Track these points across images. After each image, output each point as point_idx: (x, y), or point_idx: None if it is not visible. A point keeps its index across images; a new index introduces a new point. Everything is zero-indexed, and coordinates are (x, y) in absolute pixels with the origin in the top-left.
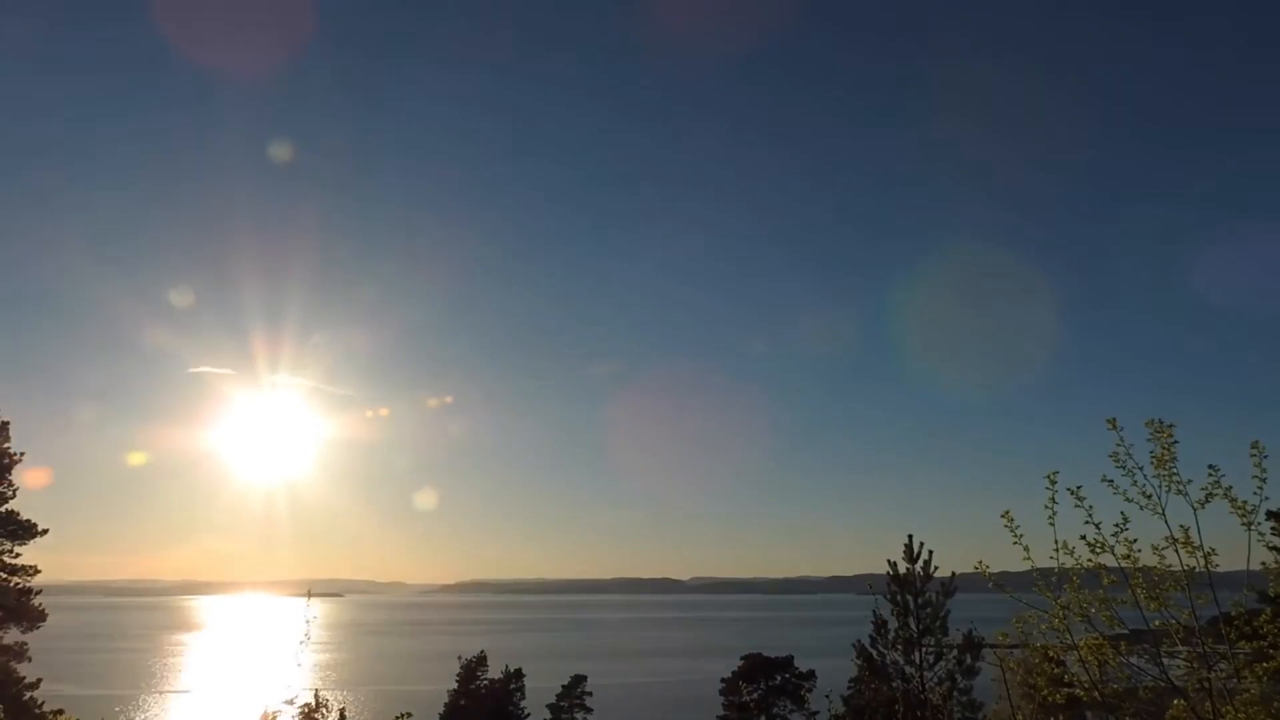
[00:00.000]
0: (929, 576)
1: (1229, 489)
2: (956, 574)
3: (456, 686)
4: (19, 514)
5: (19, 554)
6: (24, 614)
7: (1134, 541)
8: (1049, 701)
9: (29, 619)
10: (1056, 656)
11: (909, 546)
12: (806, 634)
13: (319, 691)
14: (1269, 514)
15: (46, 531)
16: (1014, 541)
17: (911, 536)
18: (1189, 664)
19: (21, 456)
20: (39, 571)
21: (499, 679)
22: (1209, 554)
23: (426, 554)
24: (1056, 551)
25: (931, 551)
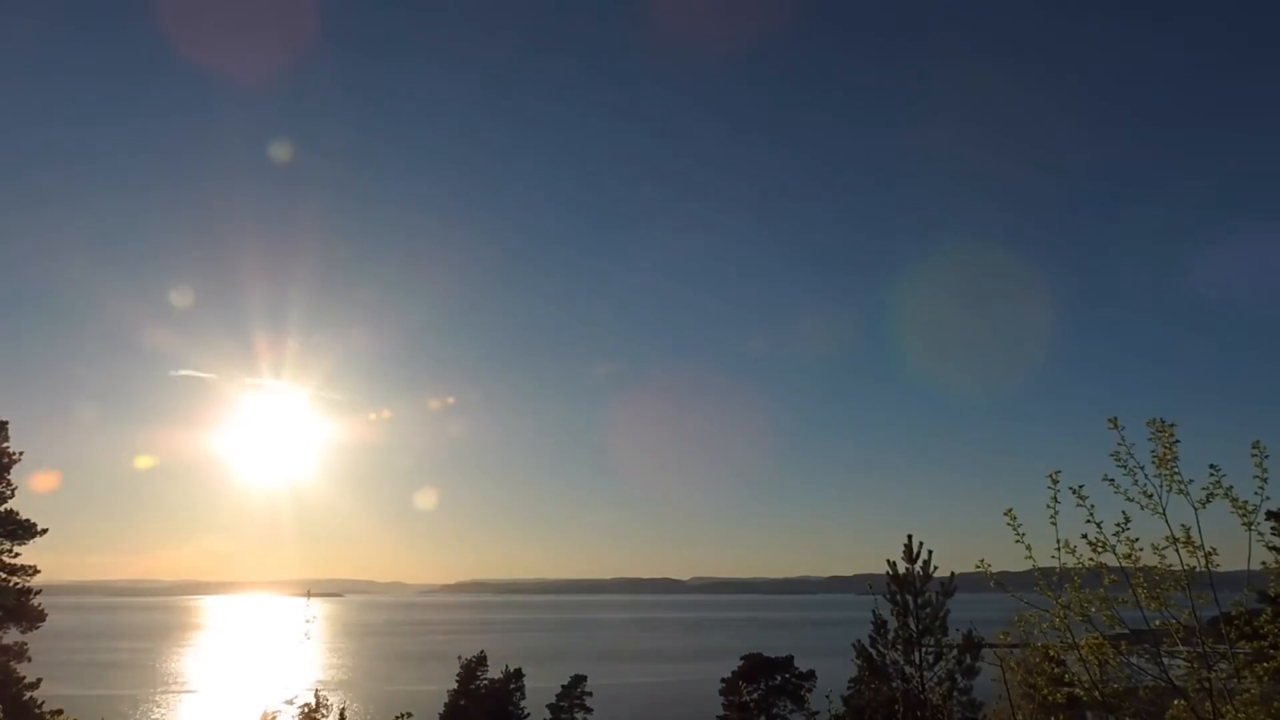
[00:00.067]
0: (929, 576)
1: (1230, 489)
2: (956, 574)
3: (456, 686)
4: (18, 514)
5: (18, 554)
6: (24, 614)
7: (1135, 541)
8: (1049, 701)
9: (29, 619)
10: (1057, 656)
11: (909, 546)
12: (806, 634)
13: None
14: (1269, 514)
15: (46, 531)
16: (1016, 540)
17: (911, 536)
18: (1189, 664)
19: (21, 456)
20: (39, 571)
21: (499, 679)
22: (1210, 554)
23: (426, 554)
24: (1058, 551)
25: (931, 551)
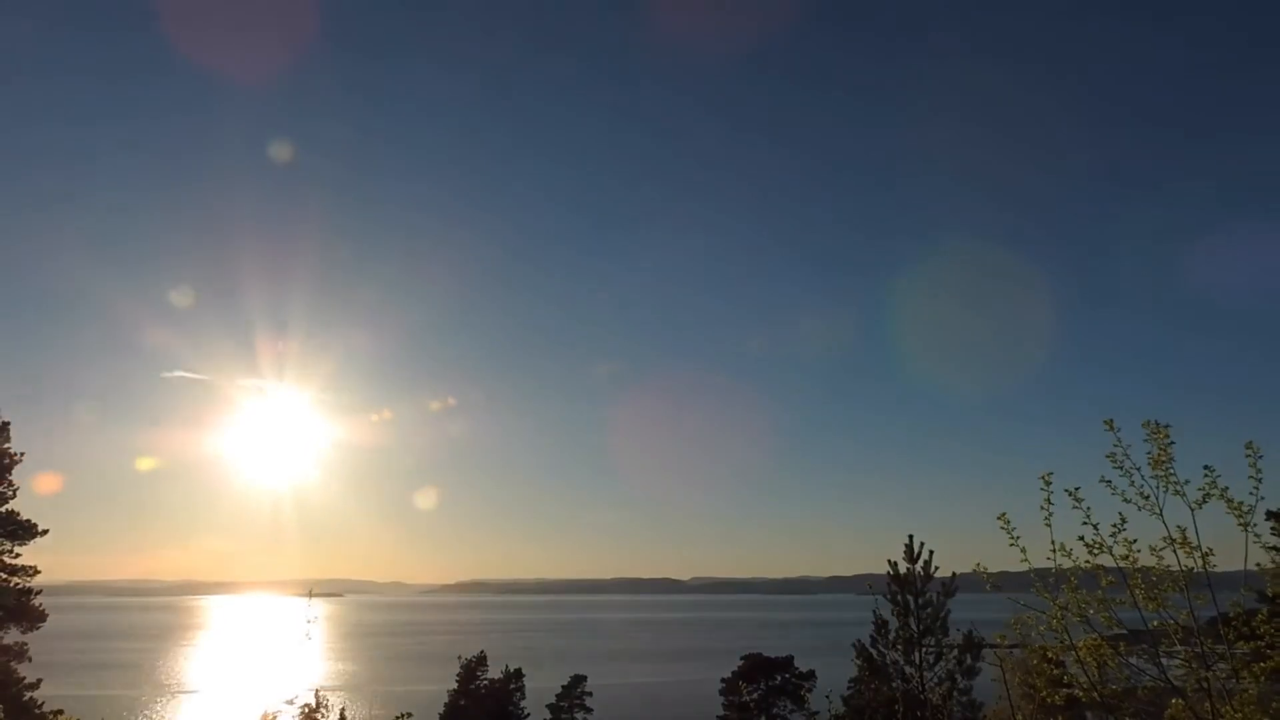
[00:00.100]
0: (929, 576)
1: (1225, 489)
2: (957, 574)
3: (456, 686)
4: (19, 514)
5: (19, 554)
6: (24, 614)
7: (1133, 542)
8: (1048, 702)
9: (29, 619)
10: (1055, 657)
11: (909, 546)
12: (806, 634)
13: (319, 691)
14: (1266, 514)
15: (46, 532)
16: (1010, 543)
17: (912, 536)
18: (1187, 664)
19: (21, 456)
20: (39, 571)
21: (499, 679)
22: (1207, 554)
23: (427, 554)
24: (1054, 552)
25: (932, 551)
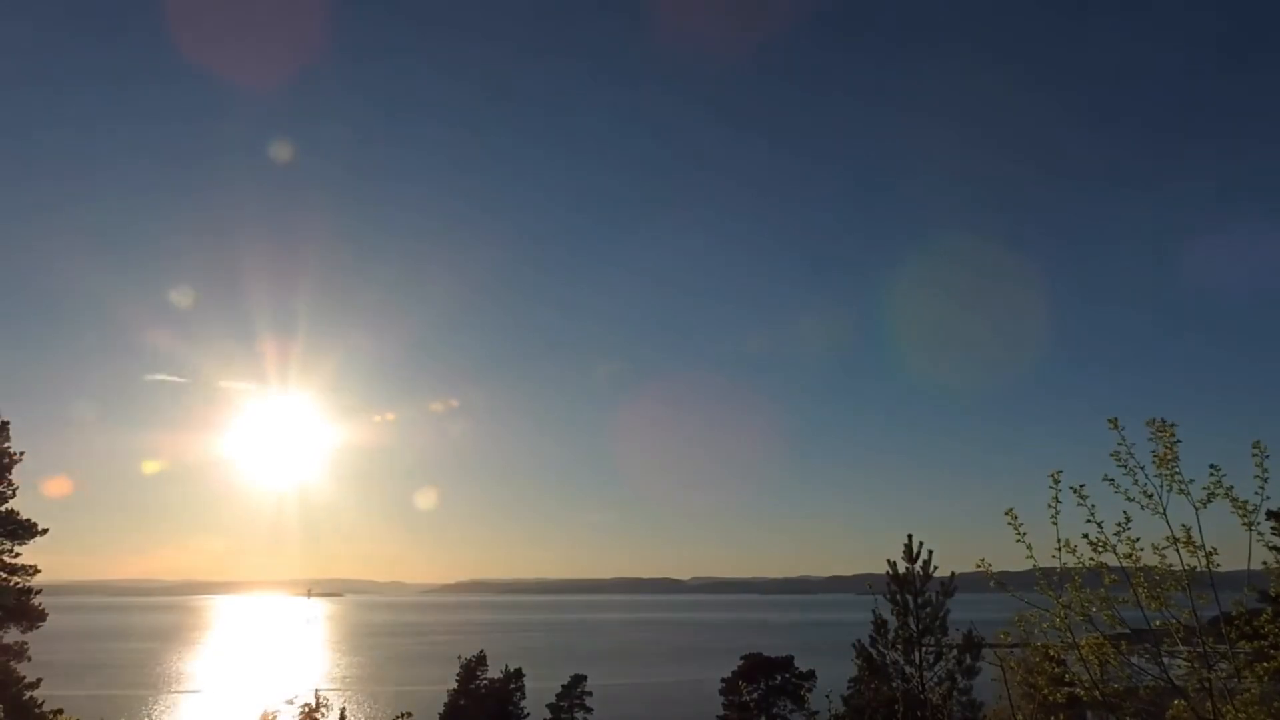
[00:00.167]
0: (929, 576)
1: (1230, 489)
2: (956, 574)
3: (456, 686)
4: (19, 513)
5: (19, 554)
6: (24, 614)
7: (1136, 541)
8: (1049, 701)
9: (29, 619)
10: (1057, 656)
11: (909, 546)
12: (806, 634)
13: (319, 691)
14: (1270, 514)
15: (46, 531)
16: (1017, 540)
17: (911, 536)
18: (1190, 664)
19: (21, 456)
20: (39, 571)
21: (499, 679)
22: (1210, 553)
23: (427, 554)
24: (1059, 550)
25: (931, 551)
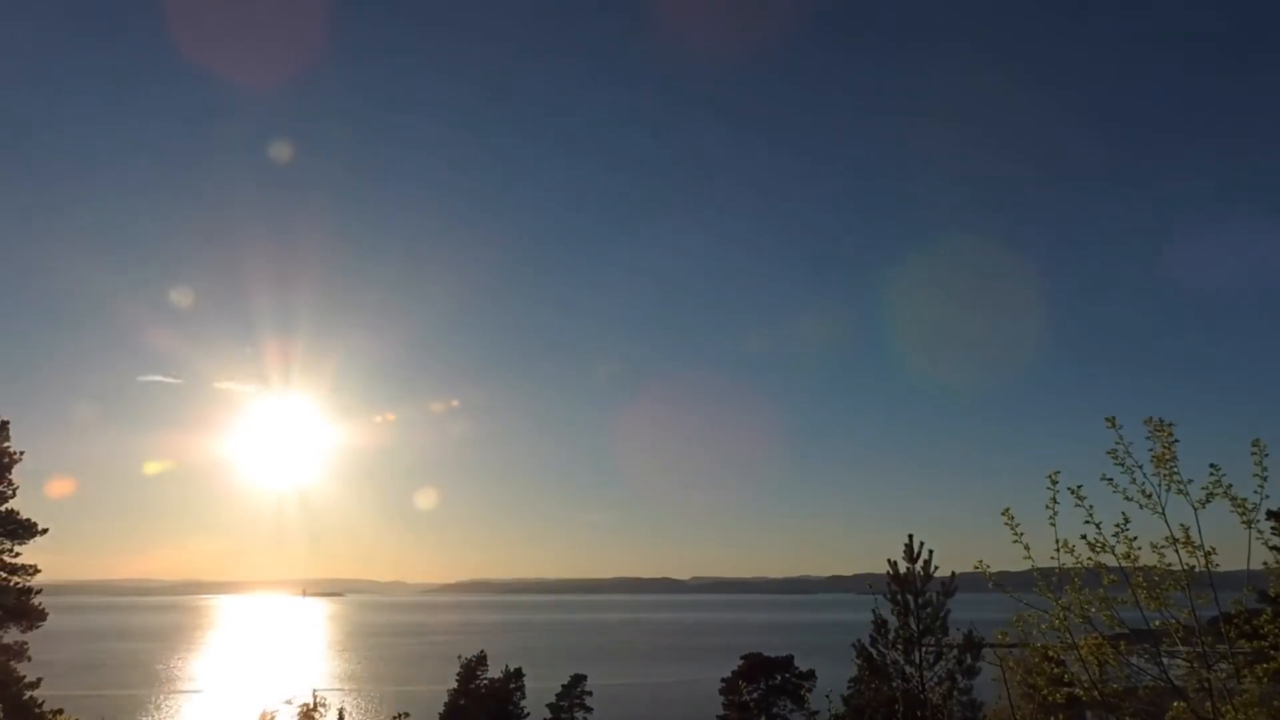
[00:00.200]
0: (929, 576)
1: (1229, 488)
2: (956, 574)
3: (456, 686)
4: (18, 513)
5: (19, 553)
6: (24, 614)
7: (1134, 541)
8: (1049, 701)
9: (29, 619)
10: (1056, 656)
11: (909, 546)
12: (806, 634)
13: (318, 691)
14: (1269, 513)
15: (46, 531)
16: (1014, 540)
17: (912, 536)
18: (1189, 664)
19: (21, 456)
20: (39, 571)
21: (499, 679)
22: (1209, 553)
23: (427, 553)
24: (1057, 551)
25: (932, 551)
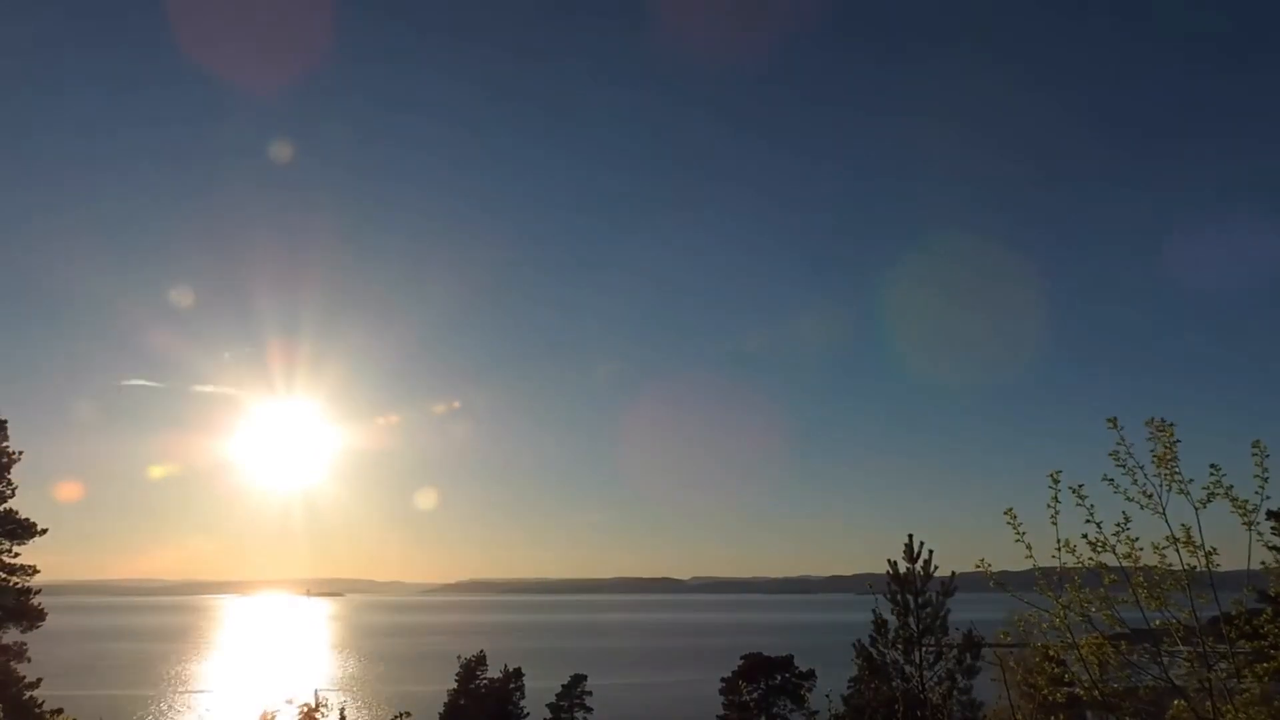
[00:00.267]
0: (929, 576)
1: (1230, 488)
2: (956, 573)
3: (456, 686)
4: (17, 513)
5: (18, 553)
6: (24, 614)
7: (1135, 540)
8: (1049, 701)
9: (29, 619)
10: (1057, 656)
11: (909, 546)
12: (806, 634)
13: (319, 691)
14: (1270, 513)
15: (46, 531)
16: (1016, 539)
17: (912, 536)
18: (1189, 664)
19: (20, 455)
20: (38, 571)
21: (499, 679)
22: (1210, 553)
23: (428, 554)
24: (1058, 550)
25: (932, 551)
